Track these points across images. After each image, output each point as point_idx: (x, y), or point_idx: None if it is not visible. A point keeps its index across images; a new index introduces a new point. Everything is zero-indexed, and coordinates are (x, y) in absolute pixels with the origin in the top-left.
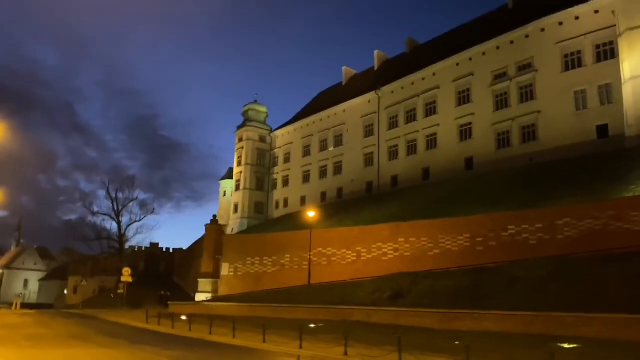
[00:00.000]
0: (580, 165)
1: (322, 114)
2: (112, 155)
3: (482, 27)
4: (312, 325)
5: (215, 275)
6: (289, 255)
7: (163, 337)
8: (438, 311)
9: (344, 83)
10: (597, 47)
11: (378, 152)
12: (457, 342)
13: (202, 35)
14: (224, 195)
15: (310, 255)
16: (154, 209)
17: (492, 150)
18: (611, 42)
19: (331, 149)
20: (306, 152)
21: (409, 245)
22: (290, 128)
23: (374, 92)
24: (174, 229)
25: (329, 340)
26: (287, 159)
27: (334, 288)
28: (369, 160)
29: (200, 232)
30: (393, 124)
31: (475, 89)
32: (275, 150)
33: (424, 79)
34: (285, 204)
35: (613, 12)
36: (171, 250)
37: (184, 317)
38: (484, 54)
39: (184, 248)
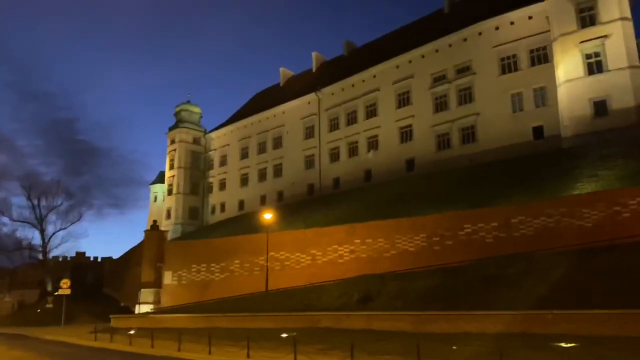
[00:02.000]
0: (522, 165)
1: (260, 115)
2: (26, 161)
3: (420, 30)
4: (284, 335)
5: (157, 284)
6: (238, 261)
7: (130, 358)
8: (412, 313)
9: (281, 84)
10: (532, 51)
11: (319, 154)
12: (454, 347)
13: (125, 35)
14: (155, 200)
15: (267, 259)
16: (81, 216)
17: (432, 151)
18: (544, 47)
19: (270, 151)
20: (244, 154)
21: (366, 246)
22: (226, 129)
23: (313, 93)
24: (95, 238)
25: (312, 352)
26: (223, 162)
27: (296, 294)
28: (309, 162)
29: (127, 239)
30: (334, 125)
31: (415, 91)
32: (211, 153)
33: (364, 81)
34: (222, 209)
35: (547, 18)
36: (99, 260)
37: (132, 332)
38: (423, 56)
39: (113, 257)
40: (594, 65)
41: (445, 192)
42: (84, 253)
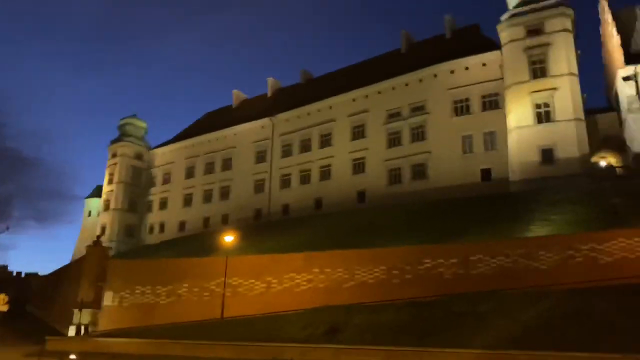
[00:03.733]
0: (473, 205)
1: (210, 136)
2: None
3: (377, 67)
4: None
5: (94, 305)
6: (187, 285)
7: None
8: (382, 348)
9: (234, 106)
10: (484, 97)
11: (270, 179)
12: None
13: (66, 46)
14: (89, 215)
15: (225, 284)
16: (8, 227)
17: (384, 185)
18: (496, 94)
19: (218, 172)
20: (189, 173)
21: (324, 276)
22: (172, 147)
23: (268, 118)
24: (12, 252)
25: None
26: (166, 180)
27: (255, 322)
28: (259, 186)
29: (49, 255)
30: (287, 152)
31: (370, 125)
32: (154, 170)
33: (319, 110)
34: (162, 229)
35: (500, 66)
36: (23, 275)
37: (73, 357)
38: (379, 92)
39: (39, 273)
40: (543, 115)
41: (400, 226)
42: (6, 267)
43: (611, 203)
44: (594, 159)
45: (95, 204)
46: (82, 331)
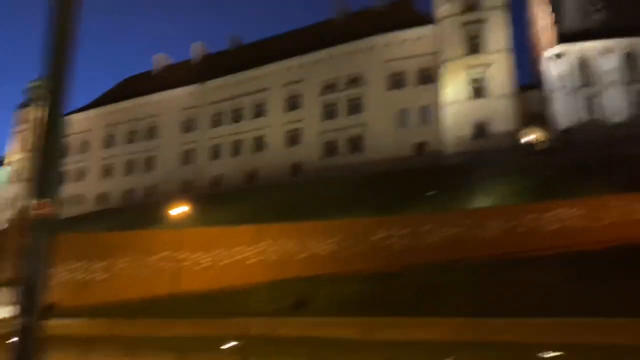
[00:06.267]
0: (412, 177)
1: (132, 102)
2: None
3: (311, 36)
4: (231, 344)
5: (19, 283)
6: (126, 259)
7: None
8: (357, 320)
9: (154, 72)
10: (419, 71)
11: (199, 149)
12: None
13: None
14: None
15: (179, 258)
16: None
17: (319, 157)
18: (431, 68)
19: (142, 141)
20: (109, 142)
21: (275, 248)
22: (89, 113)
23: (196, 85)
24: None
25: None
26: (84, 149)
27: (211, 297)
28: (188, 157)
29: None
30: (217, 121)
31: (306, 96)
32: (69, 138)
33: (253, 78)
34: (79, 201)
35: (435, 41)
36: None
37: (12, 341)
38: (315, 62)
39: None
40: (478, 90)
41: (341, 198)
42: None
43: (546, 176)
44: (520, 135)
45: (2, 174)
46: (3, 312)
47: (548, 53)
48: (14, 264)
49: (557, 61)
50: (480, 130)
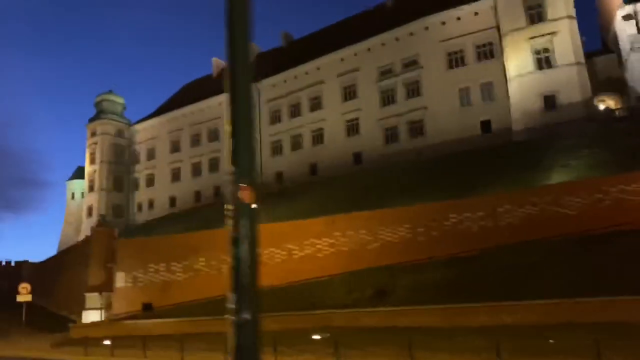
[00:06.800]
0: (480, 157)
1: (193, 107)
2: None
3: (363, 24)
4: (317, 336)
5: (106, 288)
6: (203, 259)
7: None
8: (439, 307)
9: (214, 75)
10: (478, 47)
11: (260, 147)
12: (551, 341)
13: (21, 30)
14: (73, 198)
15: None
16: None
17: (380, 145)
18: (491, 43)
19: (206, 143)
20: (175, 147)
21: (347, 239)
22: (154, 121)
23: (253, 84)
24: None
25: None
26: (151, 156)
27: (298, 291)
28: None
29: (26, 242)
30: (276, 118)
31: (362, 85)
32: (137, 146)
33: (307, 73)
34: (151, 206)
35: (494, 14)
36: (13, 264)
37: (107, 342)
38: (369, 49)
39: (30, 260)
40: (543, 61)
41: (408, 184)
42: None
43: (627, 145)
44: (594, 103)
45: (78, 185)
46: (95, 316)
47: (618, 15)
48: (99, 271)
49: (628, 22)
50: (549, 102)
